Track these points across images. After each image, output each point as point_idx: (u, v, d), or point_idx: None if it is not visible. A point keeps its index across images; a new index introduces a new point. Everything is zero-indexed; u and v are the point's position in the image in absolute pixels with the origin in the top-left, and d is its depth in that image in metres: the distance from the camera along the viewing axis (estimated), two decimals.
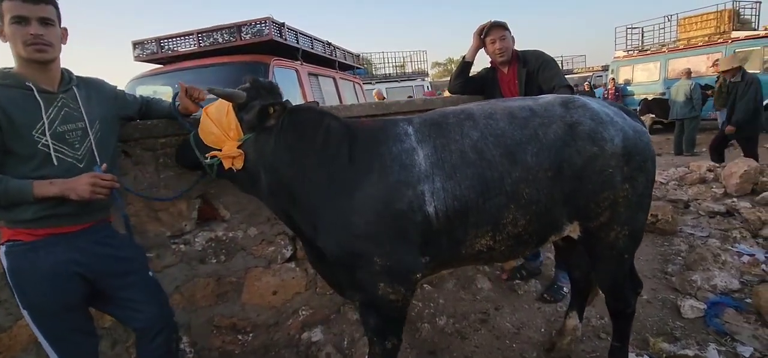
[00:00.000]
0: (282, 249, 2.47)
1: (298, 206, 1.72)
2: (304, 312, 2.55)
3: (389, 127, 1.76)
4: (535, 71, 2.83)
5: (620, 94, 12.09)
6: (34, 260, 1.51)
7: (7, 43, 1.50)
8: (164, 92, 4.01)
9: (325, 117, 1.77)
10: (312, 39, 4.78)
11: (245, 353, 2.38)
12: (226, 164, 1.71)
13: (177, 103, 1.96)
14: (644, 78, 11.73)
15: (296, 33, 4.40)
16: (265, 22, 3.92)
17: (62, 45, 1.59)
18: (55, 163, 1.51)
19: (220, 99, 1.68)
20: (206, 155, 1.74)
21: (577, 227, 1.80)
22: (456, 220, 1.63)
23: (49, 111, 1.51)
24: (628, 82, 12.18)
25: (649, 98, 10.93)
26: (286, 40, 4.10)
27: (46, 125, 1.49)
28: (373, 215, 1.60)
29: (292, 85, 4.25)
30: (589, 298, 2.39)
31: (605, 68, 16.29)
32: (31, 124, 1.47)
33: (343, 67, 5.99)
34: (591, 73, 18.38)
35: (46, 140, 1.49)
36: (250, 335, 2.40)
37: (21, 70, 1.52)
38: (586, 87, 12.74)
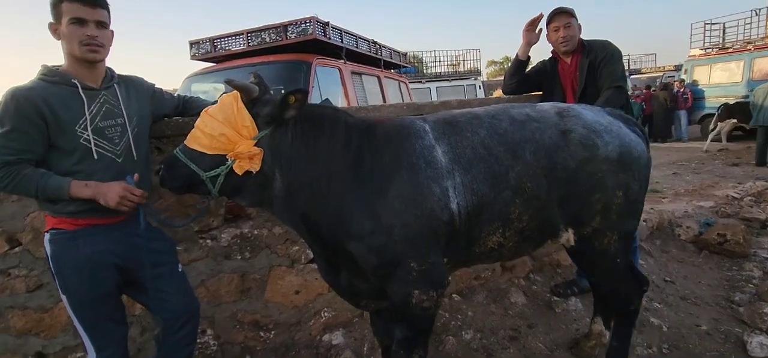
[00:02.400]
0: (306, 249, 2.46)
1: (323, 209, 1.61)
2: (326, 314, 2.54)
3: (407, 124, 1.73)
4: (598, 64, 2.61)
5: (690, 97, 11.02)
6: (74, 248, 1.59)
7: (60, 40, 1.58)
8: (219, 89, 4.21)
9: (341, 113, 1.72)
10: (357, 38, 4.79)
11: (266, 350, 2.40)
12: (244, 167, 1.53)
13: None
14: (724, 79, 10.63)
15: (341, 32, 4.42)
16: (310, 22, 3.97)
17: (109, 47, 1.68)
18: (96, 157, 1.58)
19: (222, 97, 1.60)
20: (225, 159, 1.53)
21: (572, 236, 1.84)
22: (474, 216, 1.64)
23: (92, 107, 1.59)
24: (696, 83, 11.07)
25: (731, 102, 9.81)
26: (329, 38, 4.14)
27: (88, 121, 1.57)
28: (410, 216, 1.54)
29: (334, 83, 4.29)
30: None
31: (678, 68, 14.98)
32: (74, 120, 1.55)
33: (389, 66, 5.95)
34: (661, 73, 16.93)
35: (88, 135, 1.56)
36: (272, 332, 2.43)
37: (69, 69, 1.61)
38: (678, 84, 11.68)
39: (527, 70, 2.94)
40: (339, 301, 2.56)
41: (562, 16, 2.67)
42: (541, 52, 2.96)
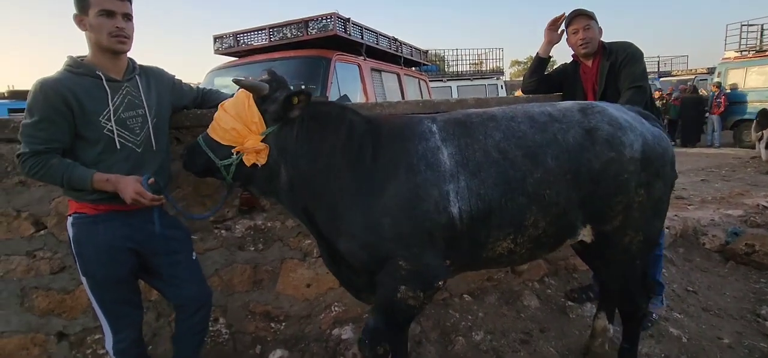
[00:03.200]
0: None
1: (320, 204, 1.68)
2: (336, 308, 2.55)
3: (413, 124, 1.72)
4: (619, 66, 2.55)
5: (724, 101, 10.54)
6: (95, 232, 1.65)
7: (85, 31, 1.64)
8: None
9: (347, 112, 1.74)
10: (377, 34, 4.78)
11: (277, 340, 2.44)
12: (250, 160, 1.65)
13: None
14: (760, 83, 10.17)
15: (361, 28, 4.42)
16: (331, 18, 3.98)
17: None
18: (118, 147, 1.64)
19: (237, 93, 1.67)
20: (231, 152, 1.65)
21: (590, 231, 1.79)
22: (479, 221, 1.60)
23: (115, 99, 1.64)
24: (735, 87, 10.59)
25: None
26: (350, 35, 4.14)
27: (112, 112, 1.62)
28: (401, 216, 1.56)
29: (353, 80, 4.30)
30: None
31: (711, 71, 14.41)
32: (98, 111, 1.60)
33: (409, 64, 5.93)
34: (693, 76, 16.30)
35: (111, 126, 1.62)
36: (283, 324, 2.46)
37: (93, 59, 1.66)
38: (713, 88, 11.21)
39: (548, 71, 2.92)
40: (349, 296, 2.56)
41: (581, 18, 2.63)
42: (563, 52, 2.91)
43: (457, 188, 1.57)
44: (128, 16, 1.66)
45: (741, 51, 11.30)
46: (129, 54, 1.75)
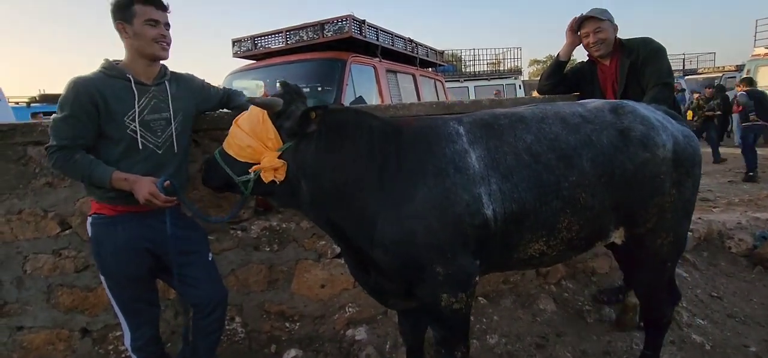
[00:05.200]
0: (332, 244, 2.50)
1: (346, 215, 1.63)
2: (350, 309, 2.57)
3: (439, 126, 1.69)
4: (640, 63, 2.50)
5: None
6: (113, 232, 1.71)
7: (126, 39, 1.71)
8: (260, 86, 4.36)
9: (366, 117, 1.71)
10: (393, 36, 4.79)
11: (291, 340, 2.46)
12: (268, 177, 1.59)
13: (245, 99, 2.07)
14: None
15: (377, 30, 4.44)
16: (346, 20, 4.01)
17: None
18: (140, 148, 1.70)
19: (253, 107, 1.64)
20: (248, 171, 1.61)
21: (622, 233, 1.78)
22: (513, 223, 1.59)
23: (142, 101, 1.71)
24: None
25: None
26: (365, 36, 4.16)
27: (136, 113, 1.68)
28: (434, 221, 1.53)
29: (369, 81, 4.32)
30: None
31: (739, 68, 13.89)
32: (124, 111, 1.67)
33: (425, 64, 5.92)
34: (721, 74, 15.76)
35: (135, 127, 1.68)
36: (297, 324, 2.49)
37: (128, 64, 1.75)
38: (707, 92, 10.80)
39: (565, 71, 2.87)
40: (363, 297, 2.59)
41: (591, 21, 2.60)
42: (584, 54, 2.86)
43: (489, 190, 1.55)
44: (168, 25, 1.76)
45: None
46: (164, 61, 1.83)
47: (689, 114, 9.13)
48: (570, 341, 2.49)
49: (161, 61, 1.82)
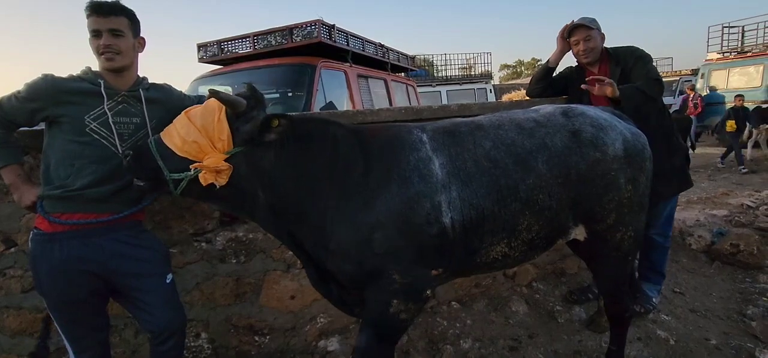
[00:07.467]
0: None
1: (306, 226, 1.59)
2: (322, 320, 2.50)
3: (403, 134, 1.67)
4: (630, 69, 2.60)
5: (700, 103, 10.66)
6: (49, 251, 1.57)
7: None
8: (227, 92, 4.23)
9: (330, 126, 1.66)
10: (363, 41, 4.75)
11: (261, 354, 2.38)
12: (208, 179, 1.46)
13: None
14: (742, 83, 10.36)
15: (347, 35, 4.39)
16: (315, 25, 3.95)
17: (139, 53, 1.74)
18: (99, 147, 1.60)
19: (207, 102, 1.54)
20: (188, 168, 1.47)
21: (583, 230, 1.83)
22: (472, 229, 1.60)
23: (109, 103, 1.63)
24: (714, 89, 10.74)
25: (763, 106, 8.98)
26: (335, 42, 4.11)
27: (99, 113, 1.60)
28: (394, 230, 1.52)
29: (340, 86, 4.27)
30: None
31: (695, 72, 14.63)
32: (86, 111, 1.59)
33: (397, 69, 5.92)
34: (678, 78, 16.55)
35: (95, 126, 1.59)
36: (267, 337, 2.40)
37: (101, 73, 1.67)
38: (689, 90, 11.34)
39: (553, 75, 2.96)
40: (334, 307, 2.53)
41: (581, 30, 2.68)
42: (573, 60, 2.93)
43: (449, 198, 1.56)
44: (115, 32, 1.61)
45: (723, 52, 11.50)
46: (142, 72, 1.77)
47: (730, 124, 8.49)
48: (542, 341, 2.51)
49: (138, 72, 1.74)
